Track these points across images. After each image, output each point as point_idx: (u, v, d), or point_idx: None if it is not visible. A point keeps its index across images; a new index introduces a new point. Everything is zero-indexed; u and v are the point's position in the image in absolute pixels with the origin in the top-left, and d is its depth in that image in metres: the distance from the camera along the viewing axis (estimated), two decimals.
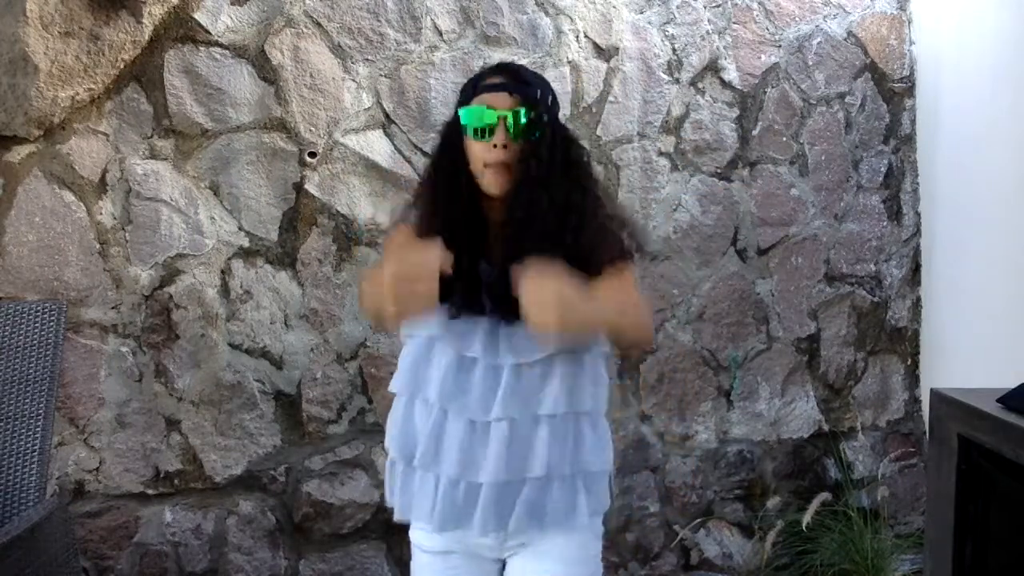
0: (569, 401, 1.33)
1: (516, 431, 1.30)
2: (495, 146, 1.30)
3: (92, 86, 2.36)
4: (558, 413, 1.32)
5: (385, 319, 1.14)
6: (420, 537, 1.43)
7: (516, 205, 1.31)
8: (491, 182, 1.33)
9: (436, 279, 1.07)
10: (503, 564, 1.42)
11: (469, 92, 1.37)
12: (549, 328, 1.11)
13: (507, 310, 1.30)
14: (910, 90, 2.90)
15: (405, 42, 2.59)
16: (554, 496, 1.33)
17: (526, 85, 1.34)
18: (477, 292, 1.33)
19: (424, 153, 2.60)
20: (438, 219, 1.35)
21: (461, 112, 1.35)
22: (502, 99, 1.32)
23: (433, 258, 1.08)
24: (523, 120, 1.31)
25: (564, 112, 2.61)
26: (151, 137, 2.48)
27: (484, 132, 1.31)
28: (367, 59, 2.58)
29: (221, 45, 2.50)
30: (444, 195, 1.36)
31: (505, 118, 1.30)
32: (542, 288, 1.12)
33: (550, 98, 1.37)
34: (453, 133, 1.38)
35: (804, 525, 2.54)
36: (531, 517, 1.32)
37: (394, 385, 1.41)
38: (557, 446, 1.32)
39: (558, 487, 1.33)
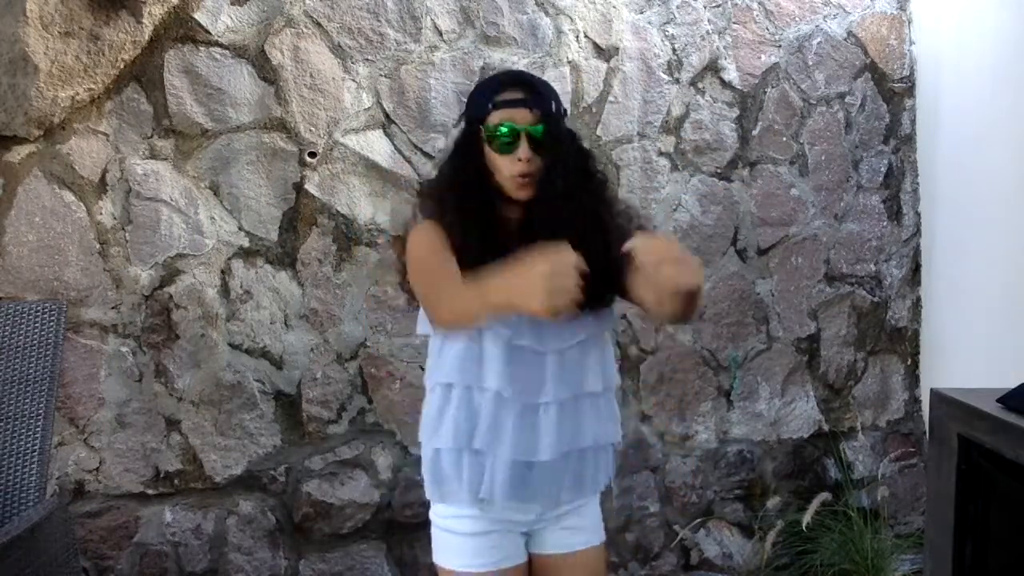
0: (603, 378, 1.48)
1: (565, 411, 1.44)
2: (519, 160, 1.39)
3: (92, 86, 2.36)
4: (598, 390, 1.47)
5: (528, 311, 1.15)
6: (455, 524, 1.50)
7: (540, 211, 1.41)
8: (518, 192, 1.42)
9: (579, 277, 1.11)
10: (527, 537, 1.55)
11: (485, 105, 1.42)
12: (700, 283, 1.14)
13: None
14: (910, 90, 2.90)
15: (405, 42, 2.59)
16: (591, 465, 1.49)
17: (543, 99, 1.42)
18: None
19: (424, 153, 2.60)
20: (469, 225, 1.41)
21: (484, 127, 1.42)
22: (523, 115, 1.40)
23: (577, 259, 1.11)
24: (546, 135, 1.40)
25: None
26: (151, 137, 2.48)
27: (508, 147, 1.39)
28: (367, 59, 2.58)
29: (221, 45, 2.50)
30: (472, 204, 1.43)
31: (528, 133, 1.39)
32: (674, 248, 1.15)
33: (562, 109, 1.46)
34: (473, 143, 1.44)
35: (804, 525, 2.53)
36: (577, 486, 1.49)
37: (442, 377, 1.47)
38: (598, 419, 1.48)
39: (592, 456, 1.49)
